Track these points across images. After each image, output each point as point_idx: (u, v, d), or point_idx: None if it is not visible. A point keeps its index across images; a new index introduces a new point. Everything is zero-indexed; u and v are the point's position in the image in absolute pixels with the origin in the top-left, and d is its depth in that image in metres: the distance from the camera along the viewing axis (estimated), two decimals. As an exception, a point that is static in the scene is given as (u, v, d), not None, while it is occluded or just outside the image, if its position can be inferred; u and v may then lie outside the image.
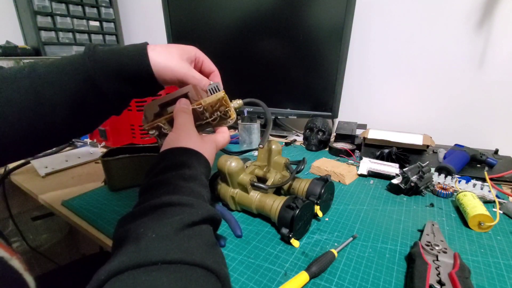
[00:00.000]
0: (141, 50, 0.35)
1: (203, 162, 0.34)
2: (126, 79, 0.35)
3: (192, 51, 0.40)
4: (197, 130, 0.39)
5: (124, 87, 0.35)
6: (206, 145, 0.37)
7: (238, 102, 0.43)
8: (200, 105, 0.38)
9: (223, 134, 0.42)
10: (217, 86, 0.39)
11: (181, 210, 0.26)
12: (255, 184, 0.48)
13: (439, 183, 0.60)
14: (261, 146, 0.43)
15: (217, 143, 0.40)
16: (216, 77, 0.44)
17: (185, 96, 0.39)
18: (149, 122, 0.40)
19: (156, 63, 0.35)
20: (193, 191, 0.29)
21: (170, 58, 0.36)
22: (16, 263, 0.23)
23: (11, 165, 0.71)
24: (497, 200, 0.51)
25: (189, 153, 0.33)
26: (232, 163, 0.47)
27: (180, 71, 0.37)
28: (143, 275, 0.20)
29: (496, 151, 0.76)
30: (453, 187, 0.58)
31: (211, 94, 0.39)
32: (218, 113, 0.41)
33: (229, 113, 0.41)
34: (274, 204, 0.44)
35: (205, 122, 0.41)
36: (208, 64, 0.43)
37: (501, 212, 0.51)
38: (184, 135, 0.35)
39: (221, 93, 0.39)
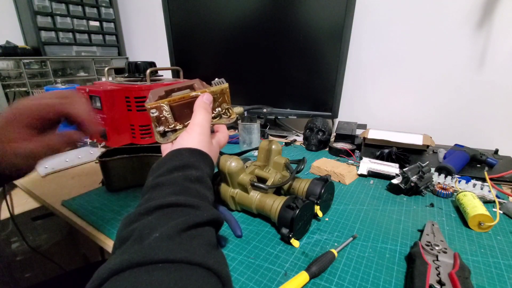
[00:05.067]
0: None
1: (209, 163, 0.35)
2: None
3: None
4: None
5: None
6: (212, 146, 0.38)
7: (239, 109, 0.44)
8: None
9: (223, 134, 0.43)
10: (222, 81, 0.41)
11: (186, 212, 0.26)
12: (255, 184, 0.48)
13: (439, 183, 0.60)
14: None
15: (220, 142, 0.41)
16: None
17: (191, 87, 0.41)
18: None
19: None
20: (199, 193, 0.30)
21: None
22: None
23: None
24: (497, 200, 0.51)
25: (198, 154, 0.34)
26: (232, 163, 0.47)
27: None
28: (144, 274, 0.20)
29: (496, 151, 0.76)
30: (453, 187, 0.58)
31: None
32: (220, 109, 0.42)
33: (230, 111, 0.42)
34: (274, 204, 0.44)
35: None
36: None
37: (501, 212, 0.51)
38: (197, 136, 0.36)
39: (225, 84, 0.41)
